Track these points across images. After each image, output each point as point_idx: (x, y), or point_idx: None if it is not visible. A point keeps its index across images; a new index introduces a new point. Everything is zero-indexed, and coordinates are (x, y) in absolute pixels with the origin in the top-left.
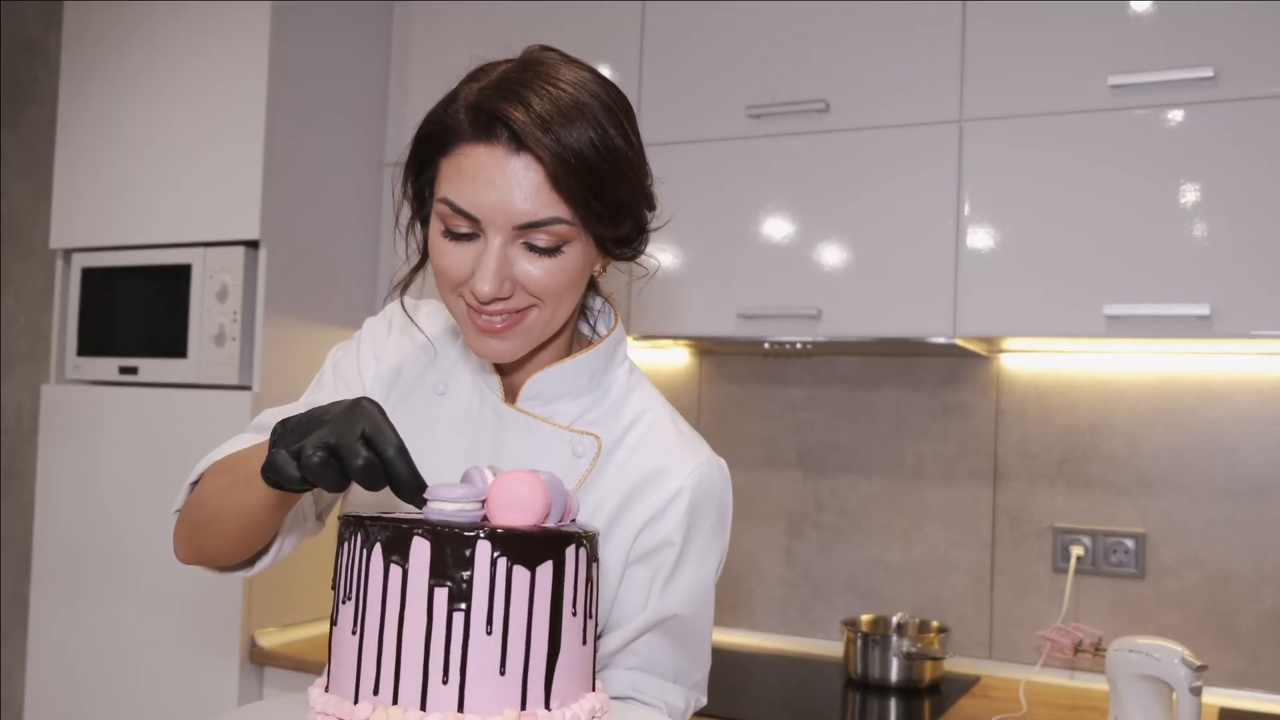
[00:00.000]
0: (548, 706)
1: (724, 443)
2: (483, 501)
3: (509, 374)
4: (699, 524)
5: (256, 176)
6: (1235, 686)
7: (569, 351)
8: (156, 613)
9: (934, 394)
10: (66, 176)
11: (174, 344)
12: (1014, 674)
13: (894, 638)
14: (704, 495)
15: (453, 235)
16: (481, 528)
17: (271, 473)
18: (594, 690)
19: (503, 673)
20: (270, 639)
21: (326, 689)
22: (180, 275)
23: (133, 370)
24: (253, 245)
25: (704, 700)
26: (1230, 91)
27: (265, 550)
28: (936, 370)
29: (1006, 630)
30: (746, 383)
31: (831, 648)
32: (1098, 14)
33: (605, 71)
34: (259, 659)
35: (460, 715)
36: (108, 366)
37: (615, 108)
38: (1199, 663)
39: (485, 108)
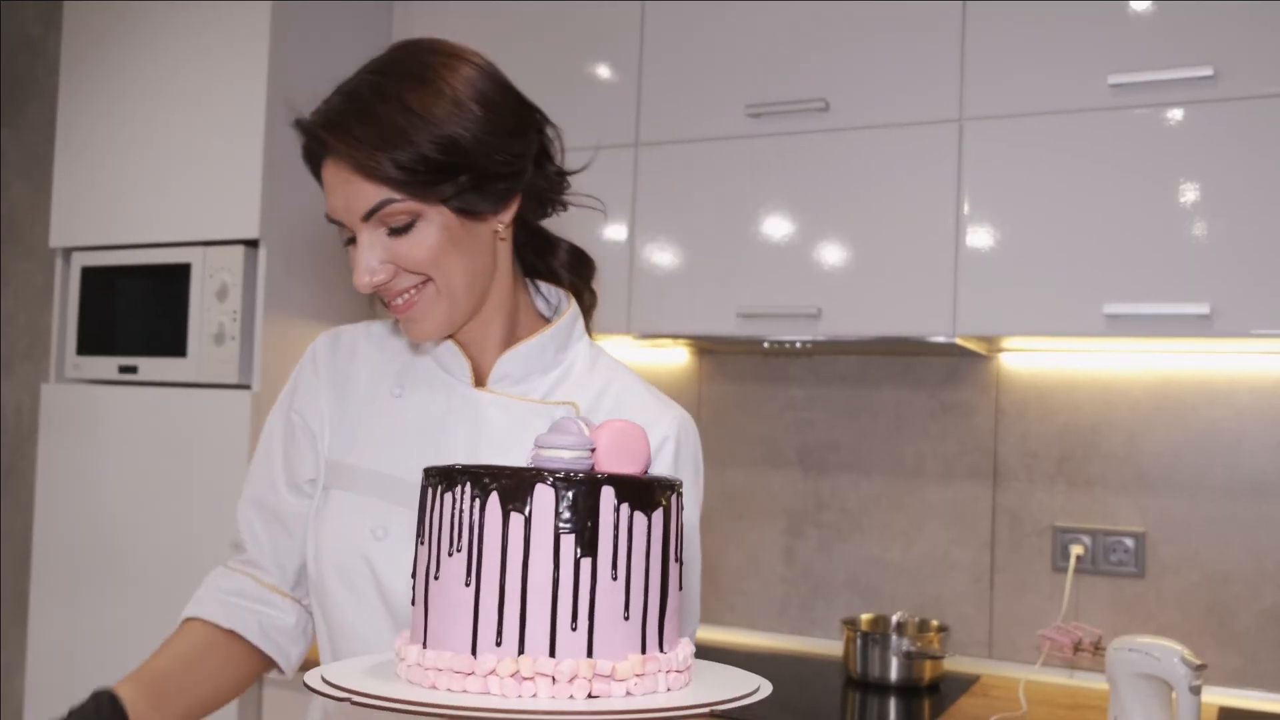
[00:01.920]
0: (661, 649)
1: (724, 442)
2: (591, 450)
3: (476, 361)
4: (683, 471)
5: (256, 176)
6: (1235, 685)
7: (531, 334)
8: (156, 611)
9: (934, 393)
10: (66, 175)
11: (174, 343)
12: (1014, 673)
13: (894, 637)
14: (686, 443)
15: (348, 241)
16: (600, 475)
17: None
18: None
19: (626, 618)
20: None
21: (424, 645)
22: (180, 274)
23: (132, 369)
24: (252, 244)
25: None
26: (1230, 90)
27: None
28: (936, 369)
29: (1006, 629)
30: (746, 382)
31: (831, 647)
32: (1097, 13)
33: (604, 71)
34: None
35: (590, 660)
36: (107, 365)
37: (414, 71)
38: (1199, 662)
39: (301, 129)
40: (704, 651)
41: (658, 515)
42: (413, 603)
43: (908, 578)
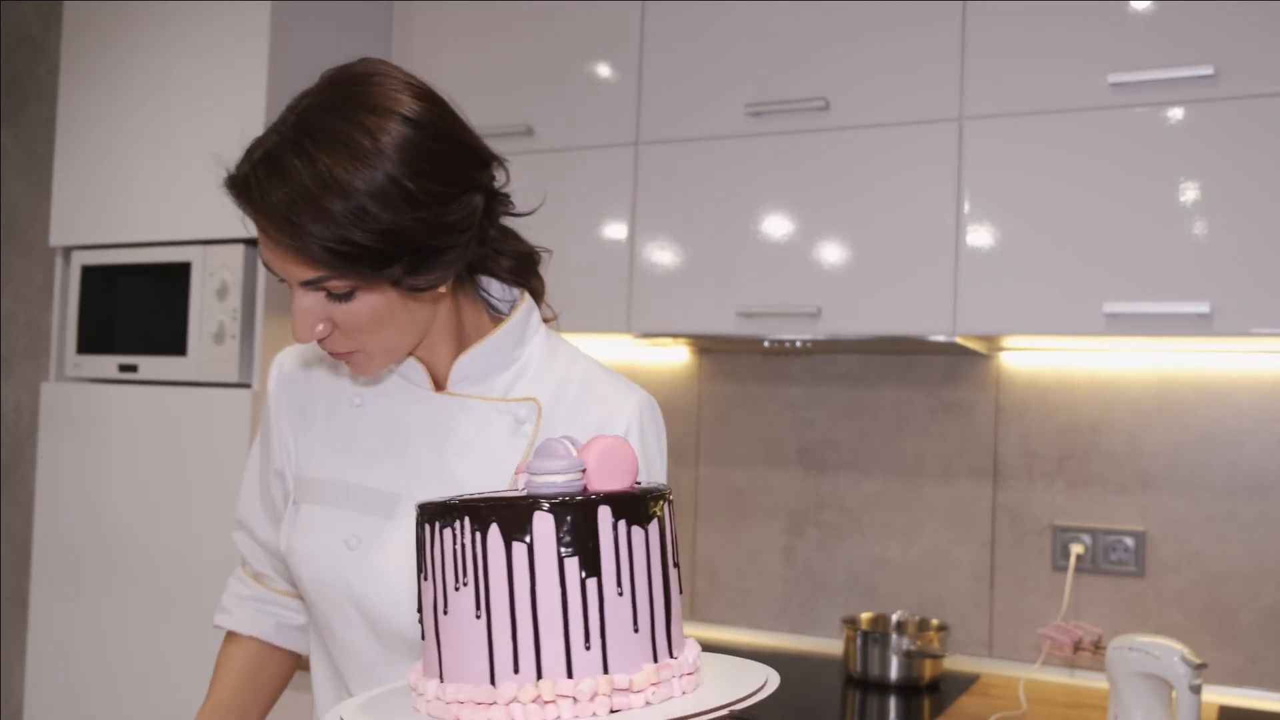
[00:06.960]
0: (672, 655)
1: (724, 441)
2: (582, 470)
3: (431, 367)
4: (648, 456)
5: None
6: (1235, 685)
7: (484, 335)
8: (156, 610)
9: (934, 392)
10: (66, 174)
11: (174, 342)
12: (1014, 672)
13: (894, 636)
14: (649, 428)
15: (283, 280)
16: (594, 495)
17: None
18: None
19: (636, 630)
20: None
21: (441, 679)
22: (180, 273)
23: (132, 368)
24: (252, 243)
25: None
26: (1230, 89)
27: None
28: (936, 368)
29: (1006, 628)
30: (746, 381)
31: (831, 646)
32: (1098, 12)
33: (604, 70)
34: None
35: (608, 677)
36: (107, 364)
37: (344, 139)
38: (1199, 661)
39: (231, 189)
40: (706, 651)
41: (653, 526)
42: (422, 637)
43: (907, 577)
